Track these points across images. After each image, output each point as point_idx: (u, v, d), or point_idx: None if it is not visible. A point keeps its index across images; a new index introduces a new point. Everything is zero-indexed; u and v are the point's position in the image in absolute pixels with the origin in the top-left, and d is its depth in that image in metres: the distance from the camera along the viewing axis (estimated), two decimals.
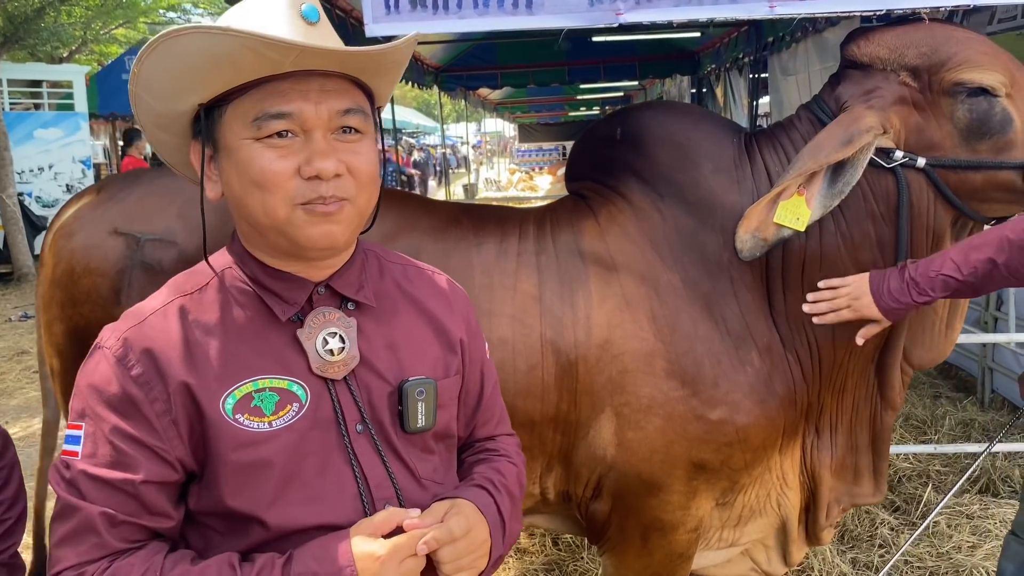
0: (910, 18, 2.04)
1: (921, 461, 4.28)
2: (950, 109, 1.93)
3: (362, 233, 1.23)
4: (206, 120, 1.11)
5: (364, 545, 1.03)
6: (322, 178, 1.06)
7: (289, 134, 1.07)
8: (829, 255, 2.01)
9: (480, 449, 1.33)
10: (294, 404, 1.10)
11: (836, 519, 2.29)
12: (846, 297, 1.92)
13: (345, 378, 1.14)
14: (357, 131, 1.11)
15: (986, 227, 1.99)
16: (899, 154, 1.94)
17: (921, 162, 1.94)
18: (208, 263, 1.18)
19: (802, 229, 1.92)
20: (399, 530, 1.06)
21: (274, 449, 1.08)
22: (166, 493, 1.08)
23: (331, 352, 1.12)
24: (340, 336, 1.14)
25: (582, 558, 3.47)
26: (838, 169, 1.92)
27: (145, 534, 1.07)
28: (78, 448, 1.06)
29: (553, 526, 2.35)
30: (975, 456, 4.19)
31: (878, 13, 2.07)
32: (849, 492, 2.25)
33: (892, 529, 3.67)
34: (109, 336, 1.10)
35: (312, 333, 1.13)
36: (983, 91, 1.90)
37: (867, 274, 1.93)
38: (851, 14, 2.11)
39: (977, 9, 2.18)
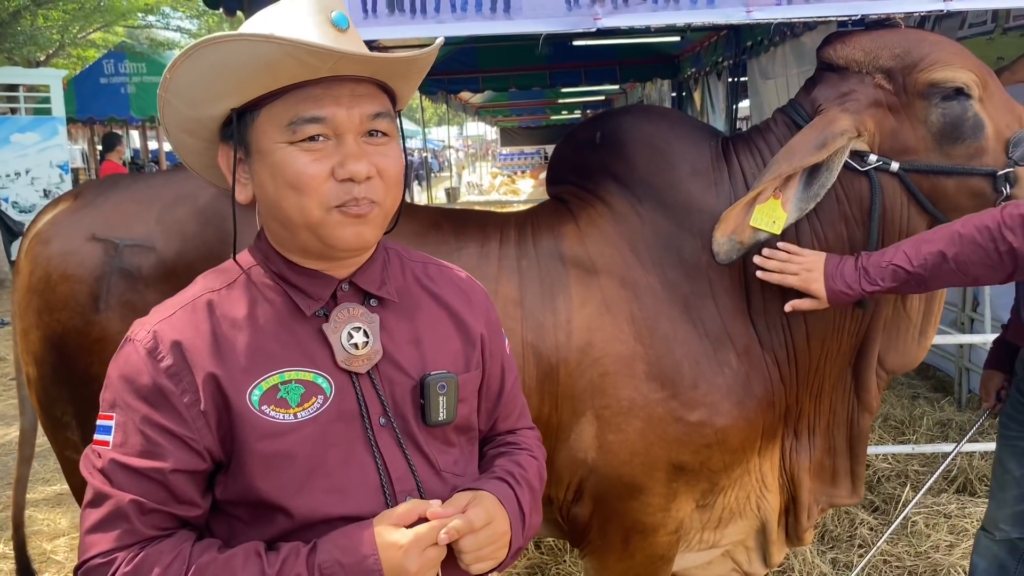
0: (885, 23, 2.06)
1: (900, 461, 4.32)
2: (924, 112, 1.95)
3: (386, 233, 1.26)
4: (238, 124, 1.14)
5: (387, 534, 1.06)
6: (355, 180, 1.10)
7: (321, 138, 1.11)
8: None
9: (501, 443, 1.36)
10: (319, 396, 1.14)
11: (816, 520, 2.31)
12: (798, 266, 1.94)
13: (368, 372, 1.18)
14: (385, 134, 1.15)
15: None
16: (873, 157, 1.96)
17: (895, 166, 1.96)
18: (235, 261, 1.22)
19: (778, 232, 1.94)
20: (421, 521, 1.09)
21: (298, 440, 1.11)
22: (194, 482, 1.11)
23: (355, 346, 1.16)
24: (364, 331, 1.17)
25: (564, 561, 3.48)
26: (813, 172, 1.94)
27: (173, 522, 1.11)
28: (109, 438, 1.10)
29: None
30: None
31: (853, 18, 2.09)
32: (827, 493, 2.27)
33: (871, 529, 3.70)
34: (139, 329, 1.14)
35: (337, 327, 1.17)
36: (956, 94, 1.92)
37: (825, 253, 1.95)
38: (826, 19, 2.13)
39: (949, 14, 2.21)
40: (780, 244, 1.97)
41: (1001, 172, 1.93)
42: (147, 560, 1.05)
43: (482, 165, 29.47)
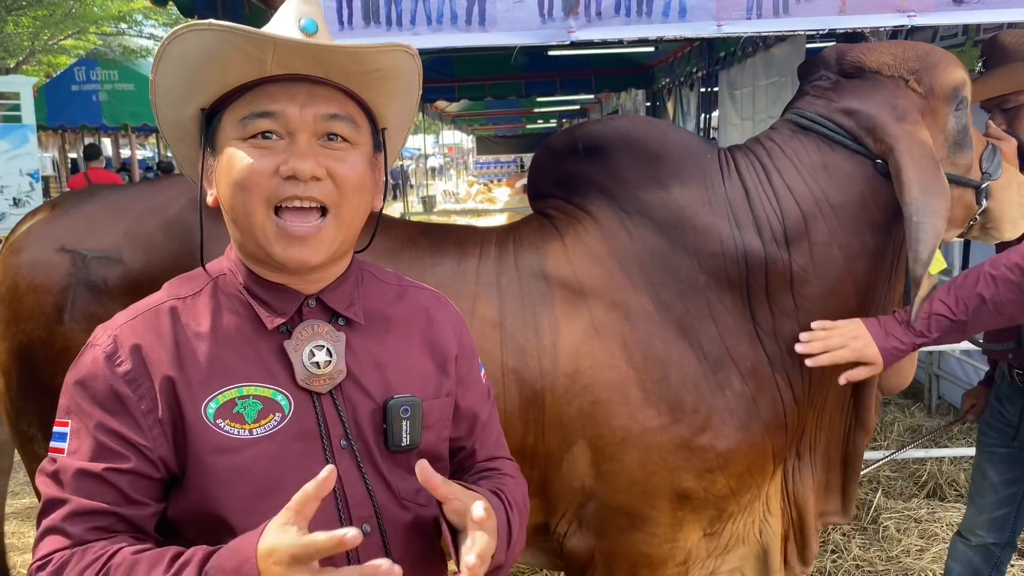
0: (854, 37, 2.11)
1: (871, 467, 4.38)
2: (944, 118, 1.93)
3: (359, 252, 1.24)
4: (207, 127, 1.13)
5: (268, 537, 0.93)
6: (299, 178, 1.06)
7: (273, 136, 1.08)
8: (822, 267, 1.91)
9: (482, 469, 1.31)
10: (276, 414, 1.10)
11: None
12: (841, 336, 1.88)
13: (331, 393, 1.14)
14: (345, 140, 1.12)
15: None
16: None
17: None
18: (204, 268, 1.19)
19: (944, 264, 1.90)
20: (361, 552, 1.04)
21: (252, 457, 1.08)
22: (148, 486, 1.07)
23: (317, 365, 1.12)
24: (327, 349, 1.13)
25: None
26: None
27: (123, 525, 1.06)
28: (64, 444, 1.07)
29: (525, 559, 2.26)
30: (922, 461, 4.31)
31: (821, 32, 2.14)
32: (821, 511, 2.19)
33: (844, 534, 3.75)
34: (101, 334, 1.11)
35: (299, 344, 1.13)
36: (963, 103, 1.93)
37: (859, 319, 1.90)
38: (794, 32, 2.17)
39: (916, 28, 2.26)
40: (813, 323, 1.90)
41: (983, 185, 1.97)
42: (72, 558, 1.01)
43: (455, 173, 29.47)
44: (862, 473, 3.06)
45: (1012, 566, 3.39)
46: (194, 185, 1.25)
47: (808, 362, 1.88)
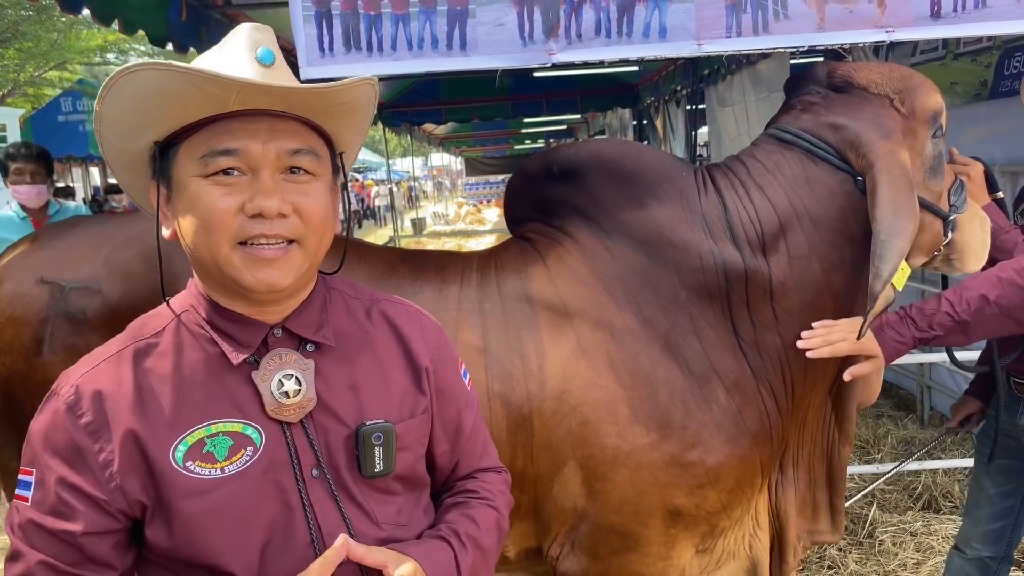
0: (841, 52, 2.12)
1: (866, 480, 4.36)
2: (923, 143, 1.95)
3: (332, 273, 1.23)
4: (162, 159, 1.11)
5: None
6: (265, 216, 1.05)
7: (236, 172, 1.06)
8: (802, 279, 1.93)
9: (460, 490, 1.29)
10: (248, 448, 1.09)
11: (800, 558, 2.21)
12: (842, 332, 1.89)
13: (302, 421, 1.13)
14: (308, 173, 1.11)
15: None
16: None
17: None
18: (168, 305, 1.17)
19: (905, 279, 1.92)
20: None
21: (225, 496, 1.07)
22: (110, 542, 1.07)
23: (286, 394, 1.11)
24: (296, 378, 1.12)
25: None
26: None
27: None
28: (29, 494, 1.08)
29: None
30: (916, 473, 4.31)
31: (801, 49, 2.15)
32: (809, 530, 2.19)
33: (840, 550, 3.73)
34: (64, 383, 1.10)
35: (267, 375, 1.12)
36: (940, 130, 1.95)
37: (859, 317, 1.90)
38: (775, 51, 2.19)
39: (895, 43, 2.28)
40: (814, 323, 1.92)
41: (951, 217, 2.00)
42: None
43: (447, 195, 29.50)
44: (866, 490, 3.06)
45: None
46: (148, 215, 1.23)
47: (809, 353, 1.90)
